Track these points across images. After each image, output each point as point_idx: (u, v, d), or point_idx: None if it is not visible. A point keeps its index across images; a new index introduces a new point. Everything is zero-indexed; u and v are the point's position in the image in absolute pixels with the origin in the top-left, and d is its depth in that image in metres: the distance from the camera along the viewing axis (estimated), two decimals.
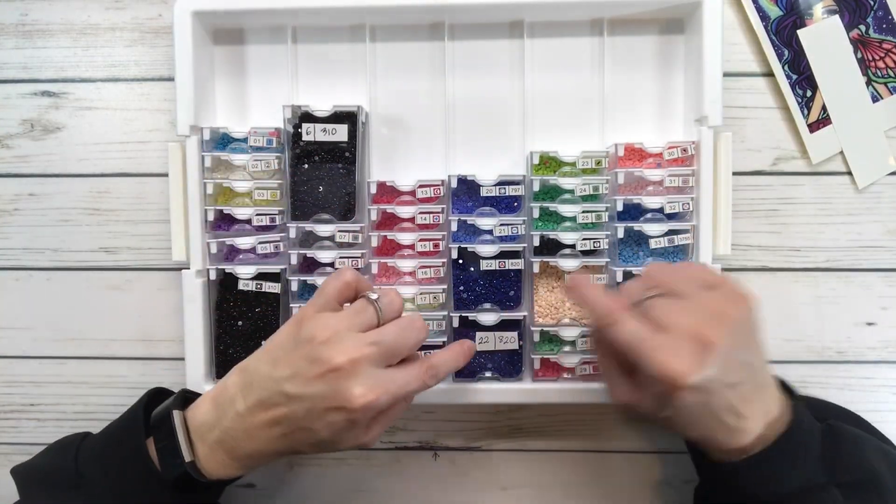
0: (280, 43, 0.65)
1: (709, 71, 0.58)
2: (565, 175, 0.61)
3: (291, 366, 0.47)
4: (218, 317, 0.62)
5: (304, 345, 0.47)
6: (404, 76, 0.65)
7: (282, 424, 0.48)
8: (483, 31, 0.64)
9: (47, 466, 0.54)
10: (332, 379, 0.46)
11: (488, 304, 0.62)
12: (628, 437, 0.67)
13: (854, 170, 0.64)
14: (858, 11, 0.63)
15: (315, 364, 0.46)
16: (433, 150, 0.64)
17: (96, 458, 0.52)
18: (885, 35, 0.63)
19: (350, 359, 0.46)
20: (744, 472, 0.46)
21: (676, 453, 0.66)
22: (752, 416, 0.46)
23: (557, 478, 0.67)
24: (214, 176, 0.62)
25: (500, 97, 0.64)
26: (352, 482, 0.68)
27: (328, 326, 0.47)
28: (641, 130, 0.63)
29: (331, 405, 0.46)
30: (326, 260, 0.61)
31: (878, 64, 0.63)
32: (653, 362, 0.44)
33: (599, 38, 0.63)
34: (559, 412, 0.67)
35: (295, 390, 0.47)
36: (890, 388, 0.65)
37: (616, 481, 0.67)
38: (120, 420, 0.55)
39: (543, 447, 0.67)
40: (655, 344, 0.44)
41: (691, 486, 0.56)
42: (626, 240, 0.61)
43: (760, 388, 0.47)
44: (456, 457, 0.68)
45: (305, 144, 0.61)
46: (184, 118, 0.61)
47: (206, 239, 0.61)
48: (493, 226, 0.61)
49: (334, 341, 0.47)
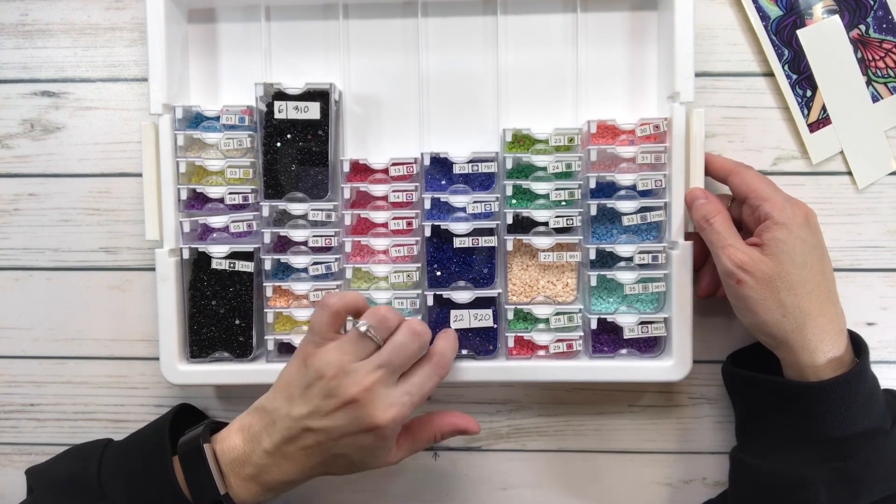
0: (253, 21, 0.64)
1: (680, 47, 0.58)
2: (538, 153, 0.61)
3: (308, 403, 0.50)
4: (191, 296, 0.62)
5: (315, 383, 0.50)
6: (377, 54, 0.64)
7: (314, 452, 0.51)
8: (456, 8, 0.64)
9: (67, 473, 0.54)
10: (351, 410, 0.49)
11: (462, 281, 0.62)
12: (628, 437, 0.67)
13: (854, 170, 0.64)
14: (858, 11, 0.63)
15: (331, 399, 0.49)
16: (407, 127, 0.64)
17: (121, 474, 0.53)
18: (886, 35, 0.63)
19: (363, 388, 0.49)
20: (819, 393, 0.50)
21: (677, 453, 0.67)
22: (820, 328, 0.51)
23: (557, 478, 0.68)
24: (187, 155, 0.62)
25: (473, 74, 0.64)
26: (352, 482, 0.68)
27: (332, 364, 0.50)
28: (615, 107, 0.63)
29: (358, 429, 0.50)
30: (300, 238, 0.61)
31: (878, 64, 0.63)
32: (769, 205, 0.53)
33: (573, 15, 0.63)
34: (559, 412, 0.67)
35: (318, 425, 0.50)
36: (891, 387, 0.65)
37: (616, 481, 0.67)
38: (145, 437, 0.56)
39: (543, 447, 0.68)
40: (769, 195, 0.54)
41: (691, 486, 0.56)
42: (599, 217, 0.61)
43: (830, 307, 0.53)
44: (456, 457, 0.68)
45: (278, 123, 0.61)
46: (156, 97, 0.60)
47: (178, 218, 0.61)
48: (466, 203, 0.61)
49: (342, 375, 0.49)
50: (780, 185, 0.56)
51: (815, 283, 0.52)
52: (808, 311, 0.51)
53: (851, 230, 0.65)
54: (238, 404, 0.68)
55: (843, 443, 0.50)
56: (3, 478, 0.70)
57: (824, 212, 0.64)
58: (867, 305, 0.65)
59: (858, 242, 0.65)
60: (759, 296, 0.52)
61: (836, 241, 0.65)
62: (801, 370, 0.52)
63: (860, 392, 0.51)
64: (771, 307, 0.52)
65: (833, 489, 0.50)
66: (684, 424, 0.67)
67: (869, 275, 0.65)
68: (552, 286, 0.62)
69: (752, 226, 0.55)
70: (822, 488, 0.50)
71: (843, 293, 0.56)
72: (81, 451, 0.57)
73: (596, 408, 0.67)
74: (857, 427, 0.50)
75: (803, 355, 0.52)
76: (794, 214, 0.53)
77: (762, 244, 0.53)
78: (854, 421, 0.50)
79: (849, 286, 0.65)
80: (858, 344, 0.54)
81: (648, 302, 0.62)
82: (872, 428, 0.51)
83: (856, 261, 0.65)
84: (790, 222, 0.52)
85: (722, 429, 0.66)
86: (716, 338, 0.65)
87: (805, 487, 0.50)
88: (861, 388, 0.51)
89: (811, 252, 0.53)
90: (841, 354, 0.52)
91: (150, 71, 0.60)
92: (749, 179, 0.55)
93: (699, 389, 0.66)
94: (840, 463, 0.50)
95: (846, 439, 0.50)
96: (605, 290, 0.62)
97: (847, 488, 0.50)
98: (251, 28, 0.64)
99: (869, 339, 0.55)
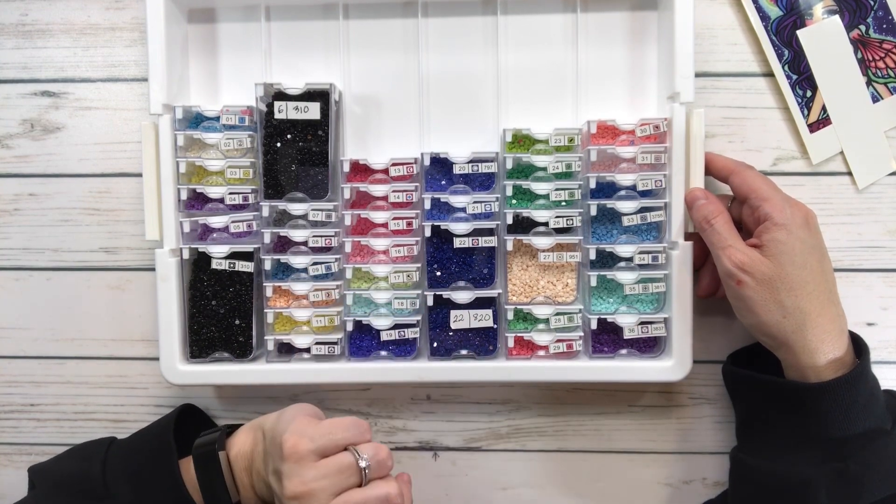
0: (253, 21, 0.64)
1: (680, 47, 0.58)
2: (538, 153, 0.61)
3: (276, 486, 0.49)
4: (192, 296, 0.62)
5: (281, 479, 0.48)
6: (378, 54, 0.64)
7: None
8: (456, 8, 0.64)
9: (71, 472, 0.54)
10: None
11: (462, 282, 0.62)
12: (628, 437, 0.67)
13: (854, 170, 0.64)
14: (859, 12, 0.63)
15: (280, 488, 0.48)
16: (407, 127, 0.64)
17: (126, 474, 0.53)
18: (886, 35, 0.63)
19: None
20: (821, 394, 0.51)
21: (677, 453, 0.67)
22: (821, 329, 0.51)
23: (557, 478, 0.68)
24: (187, 155, 0.62)
25: (473, 74, 0.64)
26: None
27: (305, 482, 0.47)
28: (615, 107, 0.63)
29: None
30: (300, 239, 0.61)
31: (879, 64, 0.63)
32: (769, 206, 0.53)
33: (573, 15, 0.63)
34: (559, 412, 0.67)
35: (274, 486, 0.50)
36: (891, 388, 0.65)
37: (616, 481, 0.67)
38: (150, 437, 0.57)
39: (543, 447, 0.68)
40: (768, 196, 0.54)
41: (691, 486, 0.56)
42: (600, 217, 0.61)
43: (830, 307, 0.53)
44: (456, 457, 0.68)
45: (278, 123, 0.61)
46: (156, 97, 0.60)
47: (178, 218, 0.61)
48: (466, 203, 0.61)
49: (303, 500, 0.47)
50: (780, 185, 0.56)
51: (815, 284, 0.52)
52: (808, 311, 0.51)
53: (851, 230, 0.65)
54: (238, 404, 0.68)
55: (843, 443, 0.50)
56: (3, 478, 0.70)
57: (824, 212, 0.64)
58: (867, 305, 0.65)
59: (858, 242, 0.65)
60: (759, 297, 0.52)
61: (836, 241, 0.65)
62: (801, 371, 0.52)
63: (861, 393, 0.51)
64: (771, 308, 0.52)
65: (833, 489, 0.50)
66: (684, 424, 0.67)
67: (869, 275, 0.65)
68: (552, 286, 0.62)
69: (752, 226, 0.55)
70: (823, 489, 0.50)
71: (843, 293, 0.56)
72: (85, 451, 0.57)
73: (596, 408, 0.67)
74: (857, 427, 0.50)
75: (804, 356, 0.52)
76: (794, 215, 0.53)
77: (762, 245, 0.53)
78: (855, 421, 0.50)
79: (849, 286, 0.65)
80: (859, 344, 0.54)
81: (648, 302, 0.61)
82: (873, 428, 0.51)
83: (856, 261, 0.65)
84: (789, 223, 0.52)
85: (722, 429, 0.66)
86: (716, 338, 0.65)
87: (806, 488, 0.50)
88: (862, 388, 0.51)
89: (811, 253, 0.53)
90: (842, 355, 0.52)
91: (150, 71, 0.60)
92: (750, 179, 0.55)
93: (699, 389, 0.66)
94: (840, 463, 0.50)
95: (847, 440, 0.50)
96: (605, 291, 0.62)
97: (848, 488, 0.50)
98: (251, 28, 0.64)
99: (869, 340, 0.55)
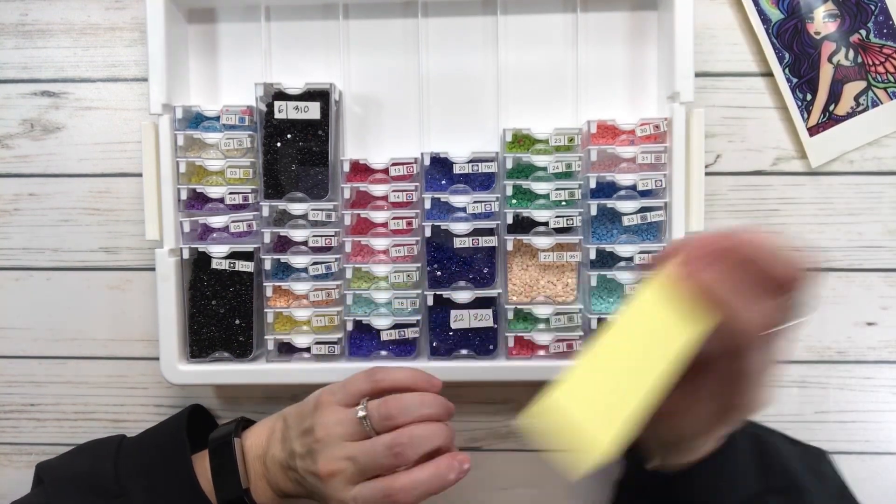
0: (253, 21, 0.64)
1: (680, 47, 0.58)
2: (538, 152, 0.61)
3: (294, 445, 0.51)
4: (192, 296, 0.62)
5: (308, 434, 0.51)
6: (378, 53, 0.64)
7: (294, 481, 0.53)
8: (456, 8, 0.64)
9: (81, 469, 0.54)
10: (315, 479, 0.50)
11: (462, 282, 0.62)
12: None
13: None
14: (859, 16, 0.63)
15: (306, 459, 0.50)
16: (407, 127, 0.64)
17: (140, 472, 0.53)
18: (886, 40, 0.63)
19: (328, 470, 0.49)
20: (692, 479, 0.45)
21: None
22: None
23: (557, 478, 0.67)
24: (187, 155, 0.62)
25: (473, 74, 0.64)
26: None
27: (324, 426, 0.50)
28: (615, 107, 0.63)
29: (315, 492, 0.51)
30: (300, 238, 0.61)
31: (879, 69, 0.63)
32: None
33: (573, 15, 0.63)
34: None
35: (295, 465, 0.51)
36: (890, 388, 0.65)
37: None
38: (162, 435, 0.57)
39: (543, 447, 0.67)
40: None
41: None
42: (600, 217, 0.61)
43: None
44: None
45: (278, 123, 0.61)
46: (156, 97, 0.60)
47: (178, 218, 0.61)
48: (466, 203, 0.61)
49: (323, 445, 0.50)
50: (780, 184, 0.56)
51: None
52: None
53: (851, 230, 0.65)
54: (238, 404, 0.68)
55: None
56: (3, 478, 0.70)
57: (824, 212, 0.64)
58: (867, 305, 0.65)
59: (858, 242, 0.65)
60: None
61: (836, 241, 0.65)
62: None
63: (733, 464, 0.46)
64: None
65: None
66: None
67: (869, 275, 0.65)
68: (552, 286, 0.62)
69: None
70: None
71: (844, 293, 0.56)
72: (95, 449, 0.57)
73: None
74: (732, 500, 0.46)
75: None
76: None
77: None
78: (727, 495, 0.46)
79: (849, 286, 0.65)
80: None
81: None
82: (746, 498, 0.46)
83: (856, 261, 0.65)
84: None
85: None
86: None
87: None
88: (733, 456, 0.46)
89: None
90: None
91: (150, 71, 0.60)
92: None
93: None
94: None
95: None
96: (605, 290, 0.62)
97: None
98: (251, 28, 0.64)
99: (869, 339, 0.55)
